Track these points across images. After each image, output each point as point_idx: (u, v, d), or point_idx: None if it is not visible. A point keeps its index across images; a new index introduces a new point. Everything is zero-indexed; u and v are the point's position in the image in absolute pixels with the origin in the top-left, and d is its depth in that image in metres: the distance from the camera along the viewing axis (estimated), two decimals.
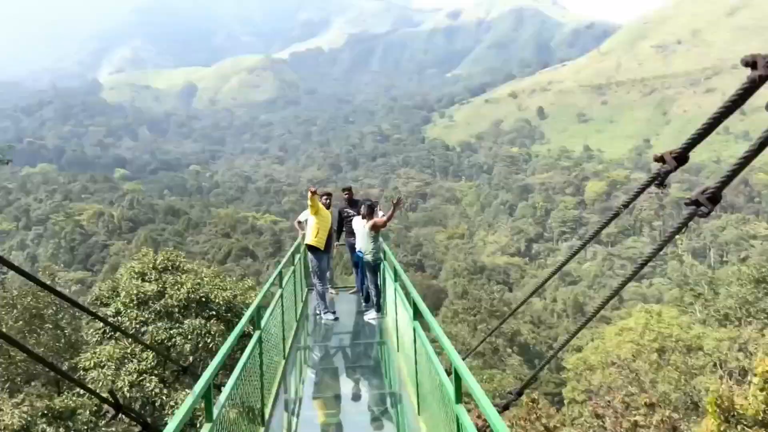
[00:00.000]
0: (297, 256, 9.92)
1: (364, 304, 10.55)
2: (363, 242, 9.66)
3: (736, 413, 7.87)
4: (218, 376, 4.29)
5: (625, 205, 2.93)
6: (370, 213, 9.59)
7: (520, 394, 3.77)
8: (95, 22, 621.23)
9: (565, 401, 19.74)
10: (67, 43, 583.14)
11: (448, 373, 4.13)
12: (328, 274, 10.42)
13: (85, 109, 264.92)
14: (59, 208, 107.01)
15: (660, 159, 2.45)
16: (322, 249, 9.81)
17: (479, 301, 38.52)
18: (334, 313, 10.13)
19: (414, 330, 5.81)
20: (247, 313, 5.46)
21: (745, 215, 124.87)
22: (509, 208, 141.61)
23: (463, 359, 3.90)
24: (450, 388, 3.96)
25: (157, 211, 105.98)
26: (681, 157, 2.41)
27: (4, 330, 11.76)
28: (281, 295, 7.44)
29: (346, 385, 7.42)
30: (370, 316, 10.06)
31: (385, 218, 9.40)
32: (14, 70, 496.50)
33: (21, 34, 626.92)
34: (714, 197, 2.05)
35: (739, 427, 7.88)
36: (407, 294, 6.36)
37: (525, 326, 42.47)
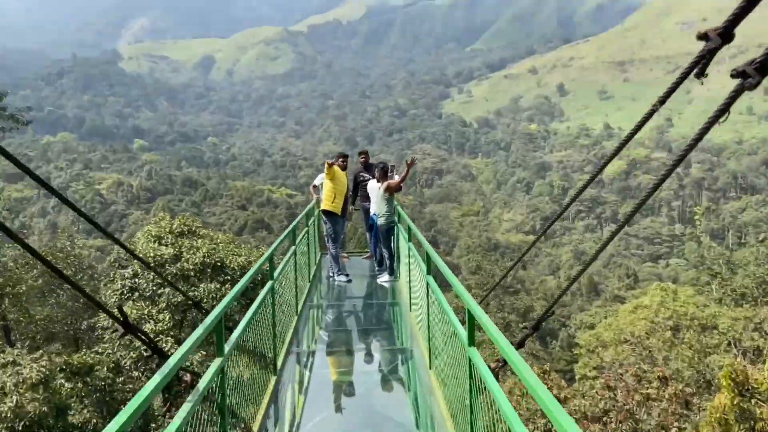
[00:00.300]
0: (311, 219, 9.95)
1: (377, 267, 10.58)
2: (377, 205, 9.67)
3: (750, 387, 7.81)
4: (232, 324, 4.38)
5: (662, 102, 2.79)
6: (384, 175, 9.57)
7: (536, 328, 3.76)
8: None
9: (577, 377, 19.78)
10: (87, 13, 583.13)
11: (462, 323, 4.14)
12: (342, 238, 10.50)
13: (104, 79, 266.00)
14: (79, 176, 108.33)
15: (703, 36, 2.31)
16: (339, 214, 9.89)
17: (492, 277, 38.50)
18: (347, 275, 10.19)
19: (427, 284, 5.84)
20: (261, 259, 5.57)
21: (766, 197, 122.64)
22: (526, 186, 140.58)
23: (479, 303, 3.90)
24: (463, 333, 3.98)
25: (175, 182, 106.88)
26: (726, 34, 2.27)
27: (23, 291, 12.07)
28: (294, 252, 7.50)
29: (357, 342, 7.51)
30: (383, 278, 10.10)
31: (398, 179, 9.38)
32: (35, 39, 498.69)
33: (41, 3, 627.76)
34: (763, 67, 1.89)
35: (753, 401, 7.83)
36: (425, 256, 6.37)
37: (538, 303, 42.38)
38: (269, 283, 5.74)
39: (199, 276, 10.08)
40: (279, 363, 5.87)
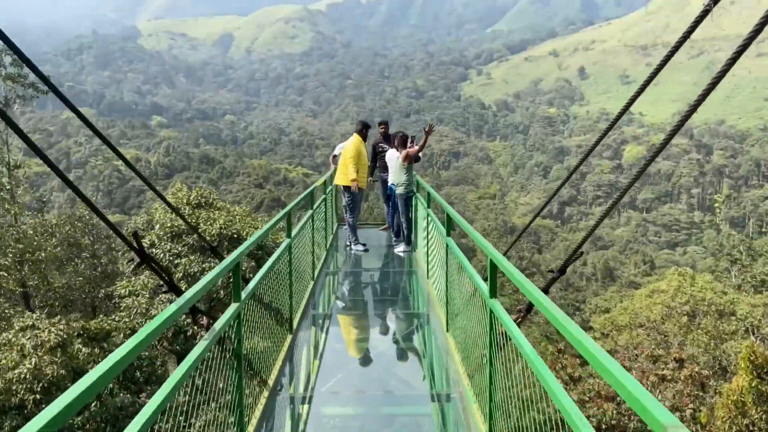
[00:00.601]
0: (328, 188, 10.02)
1: (394, 238, 10.57)
2: (395, 175, 9.62)
3: None
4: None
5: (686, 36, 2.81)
6: (403, 144, 9.49)
7: (562, 272, 3.64)
8: None
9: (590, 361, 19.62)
10: None
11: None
12: (360, 208, 10.59)
13: (123, 56, 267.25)
14: (98, 152, 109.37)
15: None
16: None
17: (508, 260, 38.38)
18: (364, 245, 10.25)
19: (447, 246, 5.81)
20: (280, 214, 5.57)
21: None
22: (543, 170, 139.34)
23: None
24: (484, 286, 3.90)
25: (192, 159, 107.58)
26: None
27: (42, 258, 12.26)
28: (311, 216, 7.50)
29: (373, 308, 7.51)
30: (400, 248, 10.08)
31: (417, 147, 9.27)
32: (54, 15, 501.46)
33: None
34: None
35: None
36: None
37: (553, 287, 42.22)
38: (286, 241, 5.74)
39: (216, 247, 10.12)
40: (295, 323, 5.88)
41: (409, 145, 9.50)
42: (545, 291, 3.27)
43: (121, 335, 8.91)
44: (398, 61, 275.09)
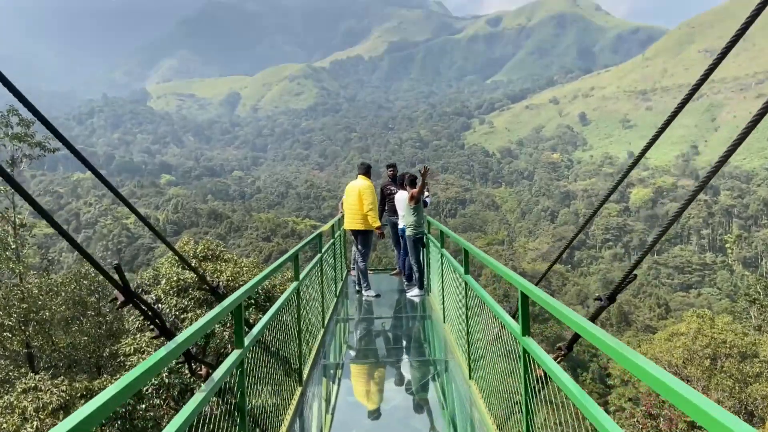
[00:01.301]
0: (336, 233, 9.77)
1: (406, 282, 10.22)
2: (404, 216, 9.42)
3: None
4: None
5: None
6: (412, 184, 9.37)
7: (611, 299, 3.08)
8: (144, 35, 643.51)
9: (611, 408, 18.87)
10: (116, 55, 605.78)
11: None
12: (370, 253, 10.31)
13: (133, 117, 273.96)
14: (107, 212, 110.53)
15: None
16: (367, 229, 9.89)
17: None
18: (375, 291, 10.00)
19: (466, 284, 5.51)
20: (287, 255, 5.27)
21: None
22: (550, 215, 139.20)
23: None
24: (514, 324, 3.45)
25: (201, 215, 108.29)
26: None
27: (47, 317, 12.06)
28: (320, 259, 7.25)
29: (387, 356, 7.10)
30: (413, 293, 9.73)
31: (417, 188, 9.05)
32: (67, 81, 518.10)
33: (74, 46, 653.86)
34: None
35: None
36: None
37: (568, 332, 41.24)
38: (294, 284, 5.49)
39: (217, 288, 9.93)
40: (305, 374, 5.58)
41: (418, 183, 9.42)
42: (594, 317, 2.92)
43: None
44: (401, 113, 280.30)
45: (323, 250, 7.47)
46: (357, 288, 10.02)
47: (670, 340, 16.73)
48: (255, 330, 3.89)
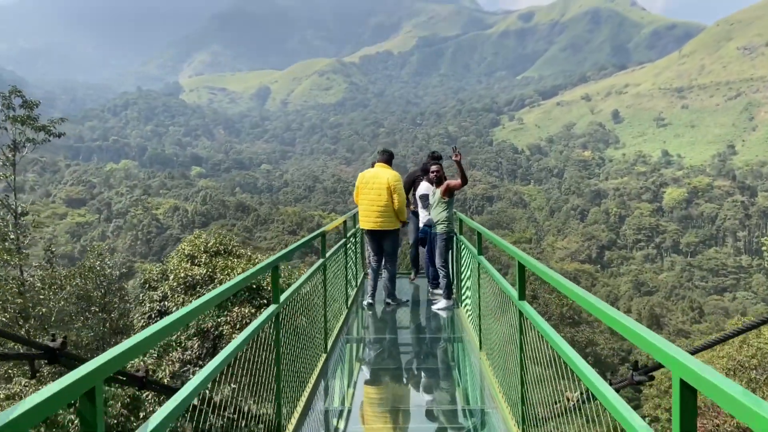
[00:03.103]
0: (350, 232, 8.39)
1: (431, 289, 8.87)
2: (433, 210, 8.12)
3: None
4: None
5: None
6: (426, 172, 8.43)
7: (651, 377, 2.69)
8: (177, 29, 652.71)
9: (646, 419, 17.90)
10: (151, 48, 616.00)
11: None
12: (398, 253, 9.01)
13: (166, 110, 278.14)
14: (138, 202, 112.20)
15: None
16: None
17: (547, 306, 36.62)
18: (398, 300, 8.62)
19: (520, 312, 3.81)
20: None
21: None
22: (580, 214, 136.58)
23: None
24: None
25: (228, 207, 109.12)
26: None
27: (53, 311, 11.62)
28: (323, 265, 5.92)
29: (406, 396, 5.34)
30: (440, 305, 8.24)
31: (459, 180, 7.68)
32: (103, 74, 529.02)
33: (110, 40, 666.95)
34: None
35: None
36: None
37: (601, 336, 39.87)
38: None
39: (233, 299, 9.31)
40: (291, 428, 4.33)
41: (434, 171, 8.18)
42: (618, 390, 2.43)
43: (118, 404, 8.01)
44: (430, 109, 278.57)
45: (326, 256, 6.10)
46: (369, 300, 8.36)
47: (712, 349, 15.66)
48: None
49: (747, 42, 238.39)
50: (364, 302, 8.41)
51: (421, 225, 8.87)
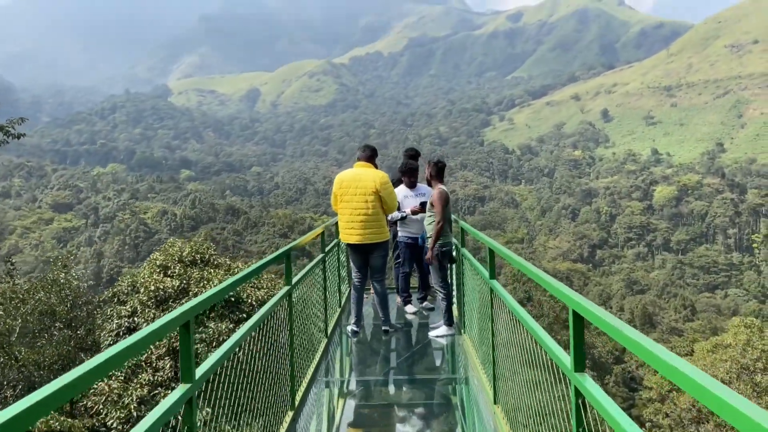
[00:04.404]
0: (329, 247, 7.09)
1: (422, 308, 7.62)
2: (426, 220, 6.85)
3: None
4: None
5: None
6: (411, 173, 7.31)
7: None
8: (166, 31, 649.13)
9: (646, 425, 17.40)
10: (139, 51, 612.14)
11: None
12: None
13: (154, 113, 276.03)
14: (126, 206, 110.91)
15: None
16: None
17: (541, 305, 36.24)
18: (393, 326, 7.20)
19: (575, 386, 2.49)
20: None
21: None
22: (571, 213, 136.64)
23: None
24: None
25: (218, 211, 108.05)
26: None
27: (14, 329, 10.77)
28: (287, 294, 4.52)
29: None
30: (439, 332, 6.90)
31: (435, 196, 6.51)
32: (91, 77, 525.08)
33: (99, 44, 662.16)
34: None
35: None
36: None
37: (598, 339, 39.41)
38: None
39: (209, 313, 8.56)
40: None
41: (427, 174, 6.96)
42: None
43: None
44: (420, 110, 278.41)
45: (293, 280, 4.68)
46: (353, 327, 6.97)
47: (713, 352, 15.22)
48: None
49: (734, 40, 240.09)
50: (348, 328, 7.05)
51: (401, 236, 7.68)
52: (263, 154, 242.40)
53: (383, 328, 7.02)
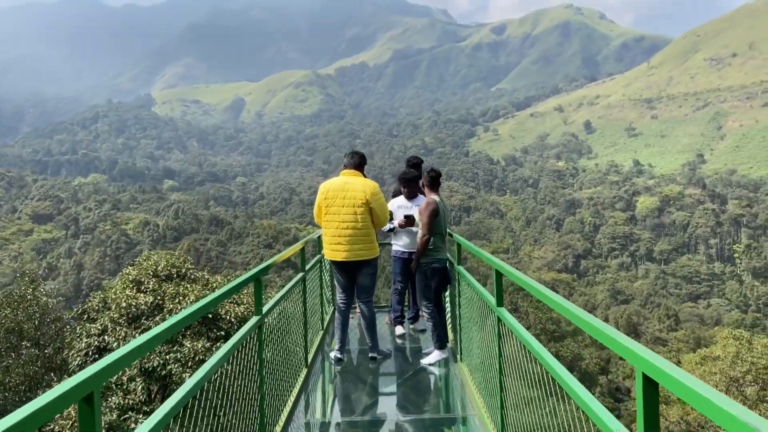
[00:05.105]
0: (309, 264, 6.38)
1: (412, 329, 7.02)
2: (407, 235, 6.37)
3: None
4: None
5: None
6: (408, 183, 6.73)
7: None
8: (150, 41, 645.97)
9: None
10: (123, 60, 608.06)
11: None
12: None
13: (137, 123, 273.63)
14: (107, 217, 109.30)
15: None
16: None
17: (527, 315, 36.03)
18: (381, 352, 6.47)
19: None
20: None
21: None
22: (556, 223, 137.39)
23: None
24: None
25: (201, 221, 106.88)
26: None
27: None
28: (257, 327, 3.91)
29: None
30: (431, 358, 6.18)
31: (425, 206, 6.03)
32: (74, 86, 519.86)
33: (82, 53, 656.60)
34: None
35: None
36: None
37: (586, 350, 39.28)
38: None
39: (185, 331, 8.11)
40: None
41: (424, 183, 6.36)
42: None
43: None
44: (406, 120, 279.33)
45: (265, 310, 4.07)
46: (337, 354, 6.27)
47: (702, 364, 15.06)
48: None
49: (713, 53, 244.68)
50: (331, 355, 6.31)
51: (393, 249, 7.09)
52: (248, 164, 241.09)
53: (370, 355, 6.35)
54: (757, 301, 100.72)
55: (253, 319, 3.83)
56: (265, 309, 3.99)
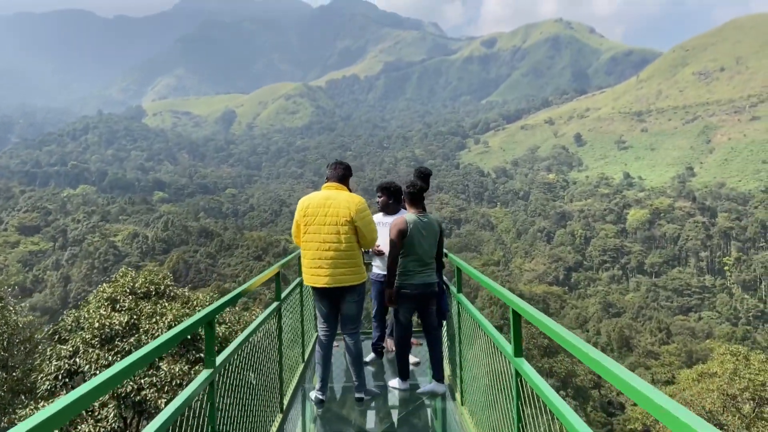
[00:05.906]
0: (286, 292, 5.61)
1: (411, 365, 6.03)
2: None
3: None
4: None
5: None
6: (396, 193, 6.05)
7: None
8: (141, 53, 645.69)
9: None
10: (114, 72, 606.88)
11: None
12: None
13: (127, 134, 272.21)
14: (95, 228, 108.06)
15: None
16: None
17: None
18: (367, 393, 5.59)
19: None
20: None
21: None
22: (546, 236, 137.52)
23: None
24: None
25: (191, 233, 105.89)
26: None
27: None
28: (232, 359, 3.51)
29: None
30: (427, 387, 5.64)
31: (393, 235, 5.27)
32: (63, 98, 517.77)
33: (72, 64, 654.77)
34: None
35: None
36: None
37: (579, 366, 38.90)
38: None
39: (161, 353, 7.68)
40: None
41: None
42: None
43: None
44: (396, 132, 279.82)
45: (217, 364, 3.24)
46: (319, 395, 5.42)
47: (698, 380, 14.73)
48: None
49: (702, 67, 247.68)
50: (312, 395, 5.49)
51: (373, 272, 6.44)
52: (238, 176, 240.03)
53: (356, 395, 5.48)
54: (747, 313, 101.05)
55: (204, 374, 2.94)
56: (219, 360, 3.11)
